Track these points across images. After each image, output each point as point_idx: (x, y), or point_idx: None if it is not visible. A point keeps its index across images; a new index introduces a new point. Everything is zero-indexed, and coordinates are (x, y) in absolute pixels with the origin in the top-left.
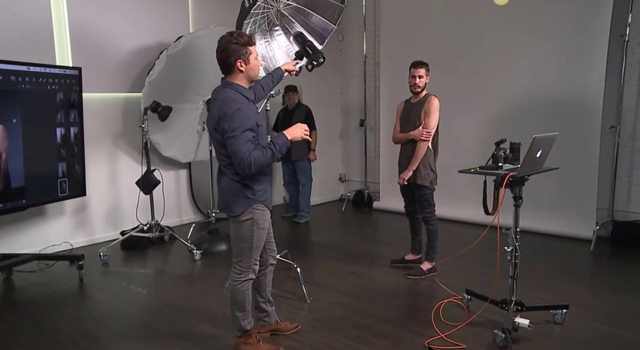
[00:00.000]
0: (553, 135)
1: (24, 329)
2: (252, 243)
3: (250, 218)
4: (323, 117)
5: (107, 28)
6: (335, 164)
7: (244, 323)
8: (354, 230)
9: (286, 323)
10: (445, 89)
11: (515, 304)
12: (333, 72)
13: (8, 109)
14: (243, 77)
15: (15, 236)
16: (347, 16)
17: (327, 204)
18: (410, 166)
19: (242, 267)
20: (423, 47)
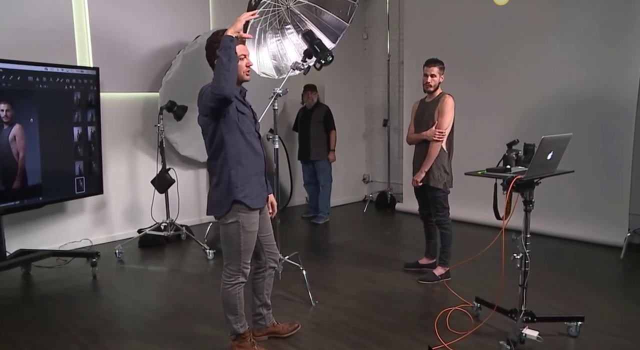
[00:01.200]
0: (566, 136)
1: (31, 323)
2: (240, 246)
3: (235, 221)
4: (346, 117)
5: (128, 28)
6: (358, 164)
7: (237, 326)
8: (373, 232)
9: (284, 325)
10: (470, 89)
11: (525, 314)
12: (357, 71)
13: (26, 108)
14: None
15: (37, 232)
16: (372, 14)
17: (350, 205)
18: (422, 167)
19: (232, 271)
20: (447, 46)
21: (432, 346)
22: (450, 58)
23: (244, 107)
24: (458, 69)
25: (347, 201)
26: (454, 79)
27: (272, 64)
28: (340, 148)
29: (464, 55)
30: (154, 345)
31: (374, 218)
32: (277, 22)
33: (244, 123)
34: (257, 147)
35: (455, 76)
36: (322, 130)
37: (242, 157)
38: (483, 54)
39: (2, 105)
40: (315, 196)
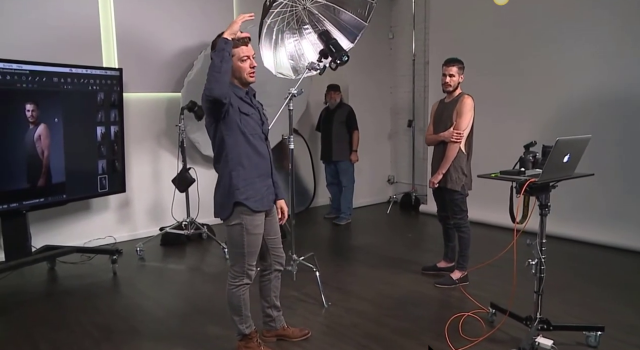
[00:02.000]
0: (584, 137)
1: (49, 317)
2: (244, 248)
3: (238, 223)
4: (371, 117)
5: (152, 29)
6: (383, 165)
7: (242, 327)
8: (394, 234)
9: (294, 329)
10: (496, 89)
11: (541, 322)
12: (382, 71)
13: (51, 108)
14: (232, 78)
15: (63, 229)
16: (397, 14)
17: (374, 206)
18: (440, 169)
19: (237, 272)
20: (473, 46)
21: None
22: (475, 58)
23: (249, 108)
24: (484, 69)
25: (371, 202)
26: (479, 79)
27: (289, 64)
28: (365, 148)
29: (490, 55)
30: (163, 344)
31: (397, 220)
32: (294, 22)
33: (247, 124)
34: (261, 149)
35: (481, 76)
36: (345, 131)
37: (243, 159)
38: (509, 54)
39: (28, 106)
40: (337, 197)
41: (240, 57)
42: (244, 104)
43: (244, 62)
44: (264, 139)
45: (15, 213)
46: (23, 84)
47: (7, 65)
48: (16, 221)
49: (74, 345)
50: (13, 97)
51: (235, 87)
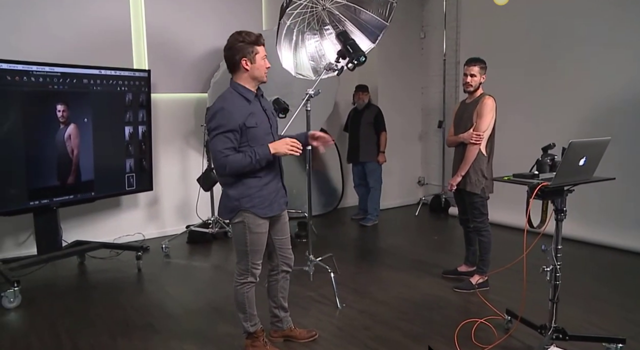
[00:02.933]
0: (601, 140)
1: (73, 310)
2: (247, 247)
3: (240, 221)
4: (401, 117)
5: (182, 31)
6: (414, 166)
7: (247, 325)
8: (420, 236)
9: (302, 331)
10: (528, 90)
11: (556, 331)
12: (413, 71)
13: (80, 109)
14: (248, 77)
15: (95, 225)
16: (429, 13)
17: (404, 208)
18: (459, 171)
19: (241, 270)
20: (505, 45)
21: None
22: (507, 57)
23: (258, 115)
24: (515, 68)
25: (401, 204)
26: (511, 79)
27: (310, 65)
28: (395, 149)
29: (522, 54)
30: (174, 340)
31: (425, 222)
32: (315, 22)
33: (254, 138)
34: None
35: (512, 75)
36: (372, 132)
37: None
38: (541, 53)
39: (59, 106)
40: (365, 198)
41: (262, 56)
42: (252, 112)
43: (263, 60)
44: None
45: (46, 209)
46: (55, 86)
47: (40, 68)
48: (47, 217)
49: (91, 338)
50: (45, 98)
51: (245, 89)
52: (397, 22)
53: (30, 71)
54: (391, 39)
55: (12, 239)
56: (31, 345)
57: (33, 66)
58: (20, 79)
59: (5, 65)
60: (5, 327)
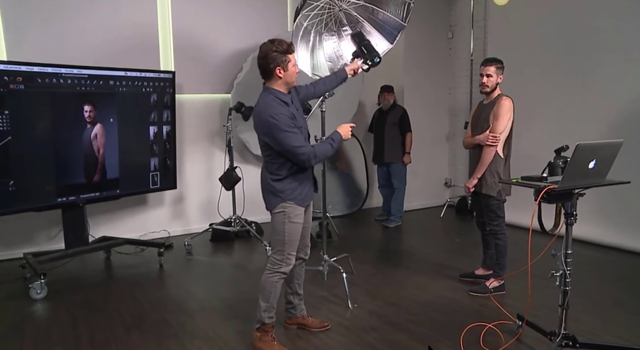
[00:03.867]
0: (612, 142)
1: (94, 302)
2: (284, 236)
3: (281, 211)
4: (428, 118)
5: (208, 33)
6: (440, 167)
7: (264, 315)
8: (442, 238)
9: (315, 320)
10: (557, 91)
11: (566, 338)
12: (441, 72)
13: (106, 109)
14: (281, 83)
15: (122, 221)
16: (457, 12)
17: (429, 209)
18: (475, 173)
19: (276, 260)
20: (534, 45)
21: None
22: (536, 58)
23: (300, 120)
24: (543, 68)
25: (427, 205)
26: (539, 79)
27: (327, 66)
28: (422, 151)
29: (550, 54)
30: (185, 335)
31: (449, 224)
32: (332, 23)
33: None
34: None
35: (541, 76)
36: (398, 132)
37: (290, 171)
38: (571, 53)
39: (86, 107)
40: (389, 199)
41: (294, 63)
42: (294, 114)
43: (294, 67)
44: (308, 141)
45: (73, 205)
46: (82, 87)
47: (69, 70)
48: (75, 213)
49: (107, 330)
50: (73, 99)
51: (284, 94)
52: (424, 22)
53: (59, 73)
54: (418, 39)
55: (44, 234)
56: (51, 334)
57: (62, 69)
58: (50, 81)
59: (37, 69)
60: (31, 316)
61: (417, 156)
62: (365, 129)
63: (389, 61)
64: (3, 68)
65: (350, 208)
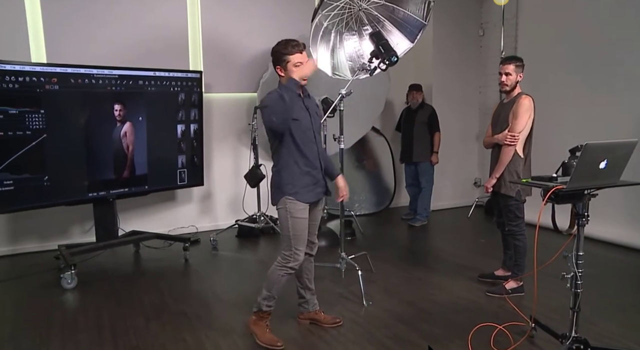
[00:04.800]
0: (624, 142)
1: (119, 294)
2: (289, 232)
3: (283, 207)
4: (457, 117)
5: (236, 34)
6: (470, 167)
7: (264, 302)
8: (467, 238)
9: (327, 316)
10: (590, 88)
11: (577, 342)
12: (471, 70)
13: (135, 108)
14: (285, 80)
15: (152, 217)
16: (489, 10)
17: (457, 209)
18: (494, 173)
19: (286, 255)
20: (566, 42)
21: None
22: (569, 58)
23: (300, 112)
24: (576, 66)
25: (455, 205)
26: (571, 77)
27: (348, 65)
28: (451, 150)
29: (583, 51)
30: (201, 327)
31: (476, 224)
32: (353, 22)
33: (298, 129)
34: (310, 148)
35: (572, 74)
36: (426, 132)
37: (292, 161)
38: (604, 50)
39: (116, 106)
40: (416, 198)
41: (294, 63)
42: (296, 107)
43: (295, 66)
44: (314, 137)
45: (103, 200)
46: (113, 87)
47: (100, 71)
48: (105, 207)
49: (128, 320)
50: (104, 98)
51: (287, 90)
52: (454, 20)
53: (91, 74)
54: (448, 38)
55: (79, 227)
56: (77, 322)
57: (94, 70)
58: (82, 82)
59: (70, 70)
60: (60, 305)
61: (446, 155)
62: (392, 127)
63: (418, 60)
64: (40, 70)
65: (377, 207)
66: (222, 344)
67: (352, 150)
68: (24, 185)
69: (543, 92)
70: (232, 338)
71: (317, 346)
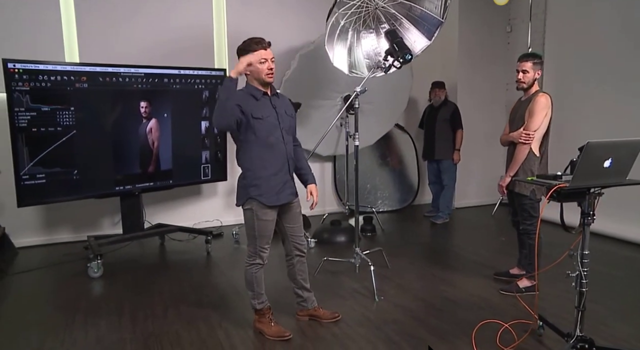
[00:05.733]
0: (629, 141)
1: (141, 283)
2: (255, 231)
3: (249, 208)
4: (482, 115)
5: (261, 32)
6: (496, 165)
7: (254, 302)
8: (488, 236)
9: (325, 311)
10: (619, 91)
11: (582, 341)
12: (498, 67)
13: (161, 105)
14: (252, 79)
15: (178, 210)
16: (517, 5)
17: (482, 207)
18: (508, 171)
19: (250, 252)
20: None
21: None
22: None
23: (265, 111)
24: (606, 63)
25: (480, 203)
26: (599, 77)
27: (365, 63)
28: (476, 148)
29: (616, 48)
30: (216, 317)
31: (499, 222)
32: (371, 20)
33: (261, 128)
34: (277, 148)
35: (601, 72)
36: (449, 129)
37: (256, 160)
38: (636, 50)
39: (142, 103)
40: (438, 195)
41: (259, 60)
42: (260, 107)
43: (262, 64)
44: (282, 137)
45: (130, 194)
46: (139, 85)
47: (127, 69)
48: (131, 201)
49: (147, 308)
50: (131, 96)
51: (254, 89)
52: (481, 16)
53: (118, 73)
54: (474, 34)
55: (109, 219)
56: (100, 309)
57: (121, 68)
58: (110, 80)
59: (99, 69)
60: (86, 292)
61: (472, 153)
62: (416, 125)
63: (444, 57)
64: (70, 69)
65: (400, 203)
66: (233, 333)
67: (377, 147)
68: (55, 179)
69: (569, 89)
70: (243, 328)
71: (325, 339)
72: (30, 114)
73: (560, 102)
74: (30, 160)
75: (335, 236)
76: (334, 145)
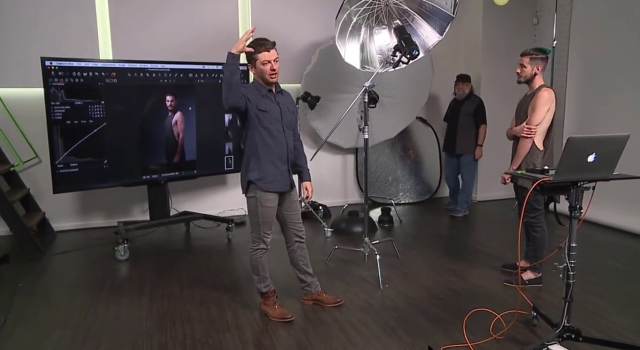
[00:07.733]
0: (614, 136)
1: (162, 267)
2: (259, 218)
3: (252, 196)
4: (507, 109)
5: (285, 27)
6: None
7: (260, 286)
8: (504, 230)
9: (329, 296)
10: None
11: (568, 331)
12: None
13: (186, 99)
14: (257, 78)
15: (204, 199)
16: None
17: (504, 201)
18: (511, 165)
19: (254, 238)
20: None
21: (456, 343)
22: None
23: (269, 105)
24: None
25: (502, 196)
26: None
27: (378, 58)
28: (499, 141)
29: None
30: (227, 299)
31: (518, 216)
32: (383, 15)
33: (265, 119)
34: (278, 139)
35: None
36: (471, 124)
37: (259, 147)
38: None
39: (168, 97)
40: (457, 189)
41: (262, 61)
42: (265, 101)
43: (265, 66)
44: (282, 131)
45: (156, 182)
46: (165, 80)
47: (154, 65)
48: (158, 189)
49: (165, 288)
50: (157, 90)
51: (260, 85)
52: (507, 8)
53: (145, 68)
54: (499, 27)
55: (139, 206)
56: (122, 287)
57: (148, 64)
58: (137, 75)
59: (128, 65)
60: (112, 273)
61: (494, 147)
62: (440, 118)
63: (467, 50)
64: (101, 65)
65: (421, 196)
66: (241, 314)
67: (398, 139)
68: (87, 168)
69: (595, 82)
70: (250, 310)
71: (326, 323)
72: (65, 107)
73: (585, 94)
74: (65, 150)
75: (351, 226)
76: (354, 138)
